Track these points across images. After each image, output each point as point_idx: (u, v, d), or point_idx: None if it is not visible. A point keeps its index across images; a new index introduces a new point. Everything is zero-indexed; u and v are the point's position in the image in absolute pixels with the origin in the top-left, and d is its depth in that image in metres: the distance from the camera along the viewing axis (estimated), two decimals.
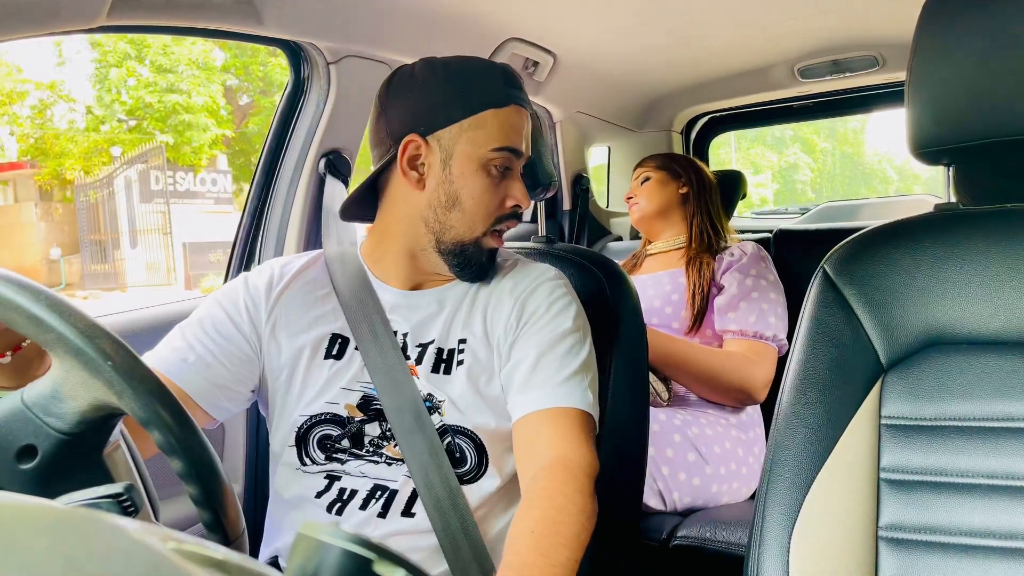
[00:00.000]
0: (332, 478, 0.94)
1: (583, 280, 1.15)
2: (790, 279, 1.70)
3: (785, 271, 1.74)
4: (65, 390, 0.55)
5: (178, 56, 13.52)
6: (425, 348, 0.97)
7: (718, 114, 2.58)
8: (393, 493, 0.91)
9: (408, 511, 0.91)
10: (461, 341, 0.97)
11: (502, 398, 0.96)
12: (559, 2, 1.52)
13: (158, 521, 0.64)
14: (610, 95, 2.23)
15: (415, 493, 0.91)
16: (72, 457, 0.56)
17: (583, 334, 0.98)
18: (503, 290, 1.00)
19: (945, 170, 0.93)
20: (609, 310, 1.14)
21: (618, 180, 2.60)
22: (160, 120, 13.65)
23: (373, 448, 0.94)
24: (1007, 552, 0.75)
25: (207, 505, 0.55)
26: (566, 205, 2.37)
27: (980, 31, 0.81)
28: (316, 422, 0.94)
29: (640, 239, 1.99)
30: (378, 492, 0.92)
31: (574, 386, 0.92)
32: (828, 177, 27.02)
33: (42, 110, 14.59)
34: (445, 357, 0.96)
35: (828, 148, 26.90)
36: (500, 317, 0.98)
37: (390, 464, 0.93)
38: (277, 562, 0.98)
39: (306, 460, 0.94)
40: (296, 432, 0.94)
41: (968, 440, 0.79)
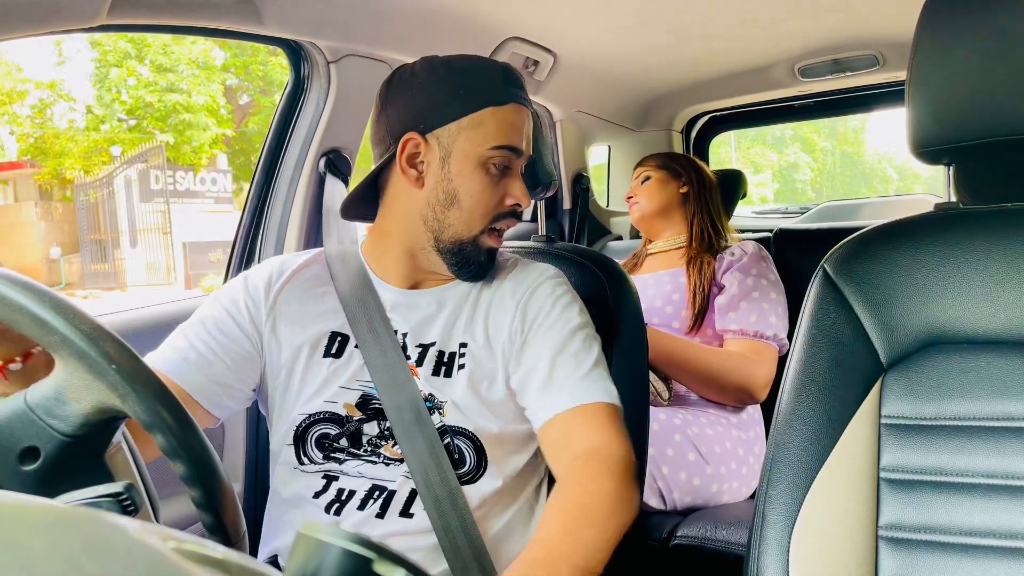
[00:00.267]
0: (330, 478, 0.93)
1: (583, 279, 1.15)
2: (790, 278, 1.70)
3: (785, 270, 1.74)
4: (68, 392, 0.55)
5: (178, 55, 13.53)
6: (426, 350, 0.97)
7: (718, 113, 2.58)
8: (391, 493, 0.91)
9: (406, 511, 0.91)
10: (462, 345, 0.97)
11: (504, 403, 0.96)
12: (559, 1, 1.52)
13: (158, 520, 0.64)
14: (610, 94, 2.23)
15: (413, 493, 0.91)
16: (74, 459, 0.56)
17: (591, 328, 0.98)
18: (504, 293, 1.00)
19: (945, 169, 0.93)
20: (609, 310, 1.13)
21: (618, 179, 2.60)
22: (160, 119, 13.65)
23: (371, 448, 0.94)
24: (1007, 552, 0.75)
25: (209, 508, 0.55)
26: (566, 204, 2.37)
27: (980, 31, 0.81)
28: (314, 421, 0.94)
29: (640, 238, 1.99)
30: (376, 492, 0.92)
31: (594, 380, 0.92)
32: (828, 176, 27.02)
33: (42, 109, 14.59)
34: (446, 360, 0.96)
35: (828, 147, 26.90)
36: (503, 321, 0.98)
37: (388, 464, 0.93)
38: (276, 561, 0.98)
39: (304, 459, 0.94)
40: (295, 431, 0.94)
41: (968, 440, 0.79)
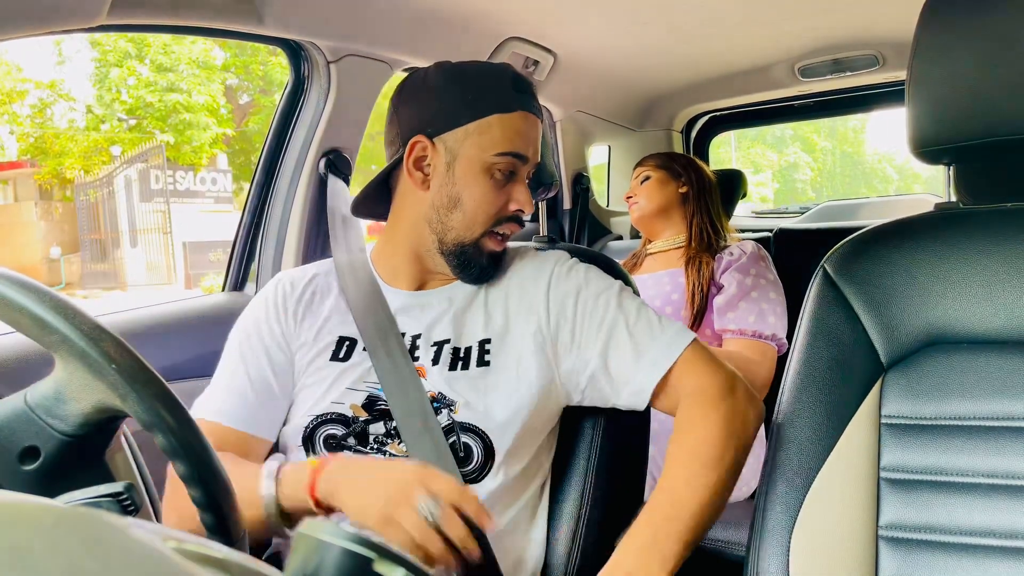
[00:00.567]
0: None
1: None
2: (790, 278, 1.70)
3: (785, 270, 1.74)
4: (68, 392, 0.55)
5: (178, 55, 13.52)
6: (440, 347, 0.97)
7: (718, 113, 2.58)
8: None
9: None
10: (485, 341, 0.98)
11: (532, 390, 0.96)
12: (559, 1, 1.52)
13: (158, 520, 0.64)
14: (610, 94, 2.23)
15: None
16: (75, 458, 0.56)
17: (619, 285, 1.01)
18: (524, 282, 1.01)
19: (945, 169, 0.93)
20: None
21: (618, 179, 2.60)
22: (160, 119, 13.65)
23: (377, 446, 0.94)
24: (1007, 551, 0.75)
25: (209, 508, 0.55)
26: (566, 204, 2.37)
27: (980, 31, 0.81)
28: (322, 422, 0.95)
29: (640, 238, 1.99)
30: None
31: (664, 334, 0.95)
32: (828, 176, 27.03)
33: (42, 109, 14.59)
34: (462, 355, 0.97)
35: (828, 147, 26.90)
36: (533, 309, 0.98)
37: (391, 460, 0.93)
38: (277, 559, 0.98)
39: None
40: (303, 432, 0.95)
41: (968, 439, 0.79)
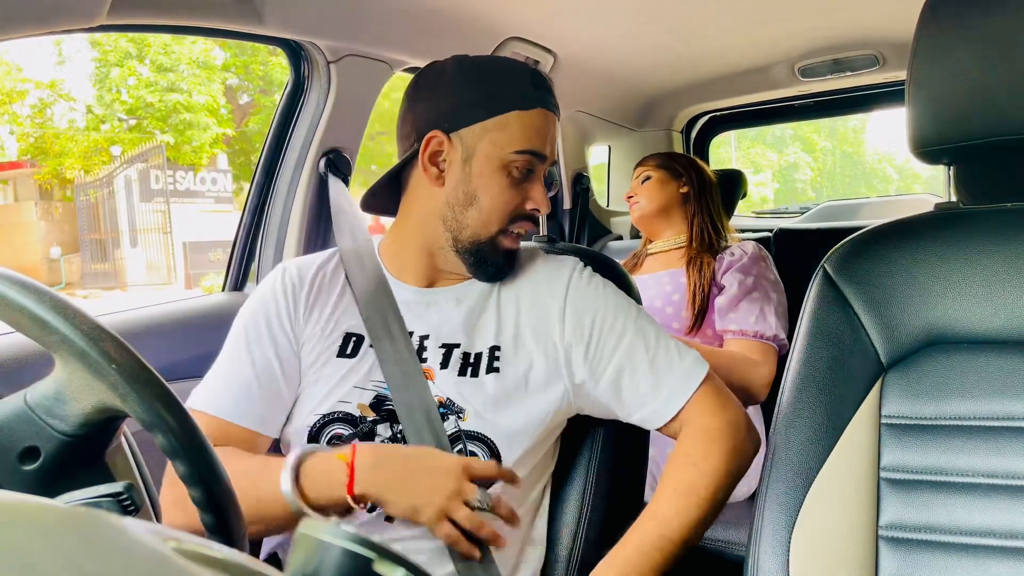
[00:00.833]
0: None
1: None
2: (790, 278, 1.70)
3: (785, 270, 1.74)
4: (68, 392, 0.55)
5: (179, 55, 13.52)
6: (451, 351, 0.96)
7: (718, 113, 2.58)
8: None
9: None
10: (495, 348, 0.97)
11: (542, 400, 0.96)
12: (559, 1, 1.52)
13: (158, 520, 0.64)
14: (610, 94, 2.23)
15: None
16: (75, 459, 0.56)
17: (636, 307, 1.00)
18: (536, 288, 1.00)
19: (945, 169, 0.93)
20: None
21: (618, 179, 2.60)
22: (161, 119, 13.64)
23: None
24: (1007, 551, 0.75)
25: (209, 508, 0.55)
26: (566, 204, 2.37)
27: (980, 31, 0.81)
28: (328, 421, 0.94)
29: (640, 238, 1.99)
30: None
31: (682, 363, 0.95)
32: (828, 176, 27.02)
33: (42, 109, 14.59)
34: (472, 360, 0.96)
35: (828, 147, 26.90)
36: (546, 317, 0.98)
37: None
38: (277, 558, 0.98)
39: None
40: (309, 431, 0.94)
41: (968, 439, 0.79)
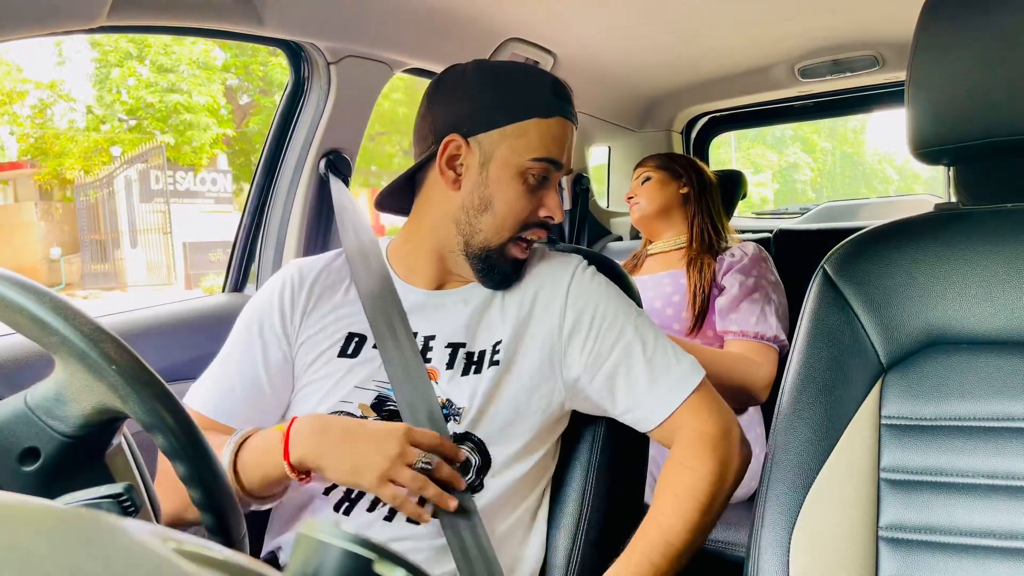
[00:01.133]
0: None
1: None
2: (790, 279, 1.70)
3: (785, 271, 1.74)
4: (68, 393, 0.55)
5: (179, 56, 13.52)
6: (456, 350, 0.97)
7: (718, 114, 2.58)
8: None
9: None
10: (497, 342, 0.97)
11: (540, 395, 0.96)
12: (559, 2, 1.52)
13: (158, 521, 0.64)
14: (610, 95, 2.23)
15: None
16: (75, 459, 0.56)
17: (636, 308, 1.00)
18: (540, 284, 1.00)
19: (945, 170, 0.93)
20: None
21: (618, 180, 2.60)
22: (161, 120, 13.64)
23: None
24: (1007, 552, 0.75)
25: (209, 508, 0.55)
26: (566, 205, 2.37)
27: (980, 31, 0.81)
28: None
29: (640, 239, 1.99)
30: None
31: (678, 367, 0.95)
32: (828, 177, 27.02)
33: (42, 110, 14.58)
34: (476, 359, 0.96)
35: (828, 148, 26.90)
36: (545, 321, 0.98)
37: None
38: (277, 556, 0.98)
39: None
40: None
41: (968, 440, 0.79)
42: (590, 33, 1.71)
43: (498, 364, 0.95)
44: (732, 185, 2.14)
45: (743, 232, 2.21)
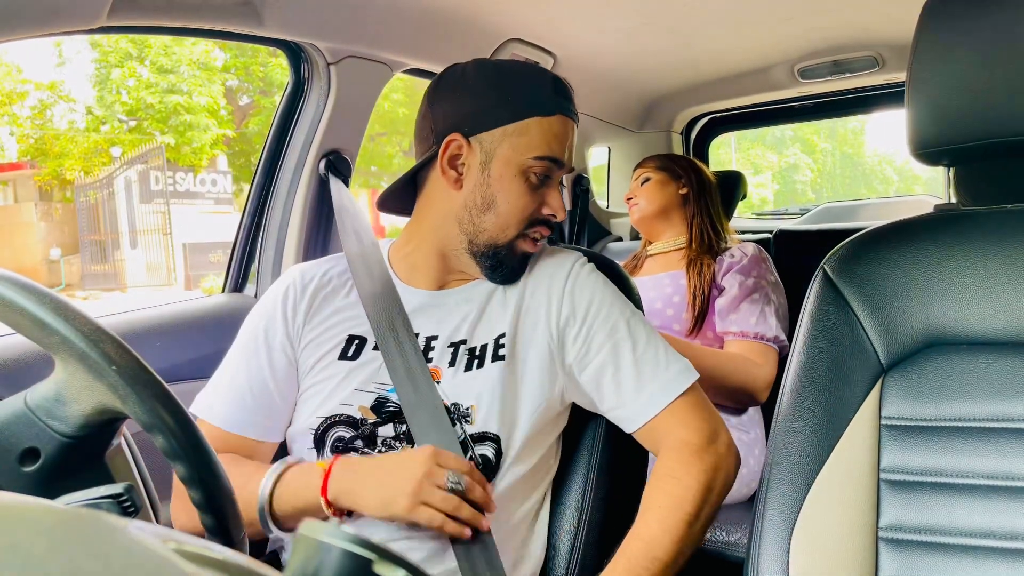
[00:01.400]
0: None
1: None
2: (790, 280, 1.70)
3: (785, 272, 1.74)
4: (68, 393, 0.55)
5: (179, 57, 13.52)
6: (457, 348, 0.97)
7: (718, 115, 2.58)
8: None
9: None
10: (500, 336, 0.97)
11: (543, 385, 0.96)
12: (559, 3, 1.52)
13: (158, 521, 0.64)
14: (610, 95, 2.23)
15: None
16: (74, 460, 0.56)
17: (633, 307, 1.00)
18: (539, 279, 1.00)
19: (945, 171, 0.93)
20: None
21: (618, 180, 2.60)
22: (161, 121, 13.64)
23: (386, 448, 0.93)
24: (1007, 553, 0.75)
25: (209, 509, 0.55)
26: (566, 205, 2.36)
27: (980, 31, 0.81)
28: (331, 424, 0.94)
29: (640, 239, 1.99)
30: None
31: (668, 371, 0.94)
32: (828, 177, 27.03)
33: (42, 110, 14.58)
34: (478, 353, 0.96)
35: (828, 148, 26.90)
36: (545, 306, 0.98)
37: None
38: (278, 554, 0.98)
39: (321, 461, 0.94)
40: (314, 434, 0.94)
41: (968, 440, 0.79)
42: (590, 34, 1.71)
43: (503, 359, 0.95)
44: (732, 186, 2.14)
45: (743, 233, 2.21)
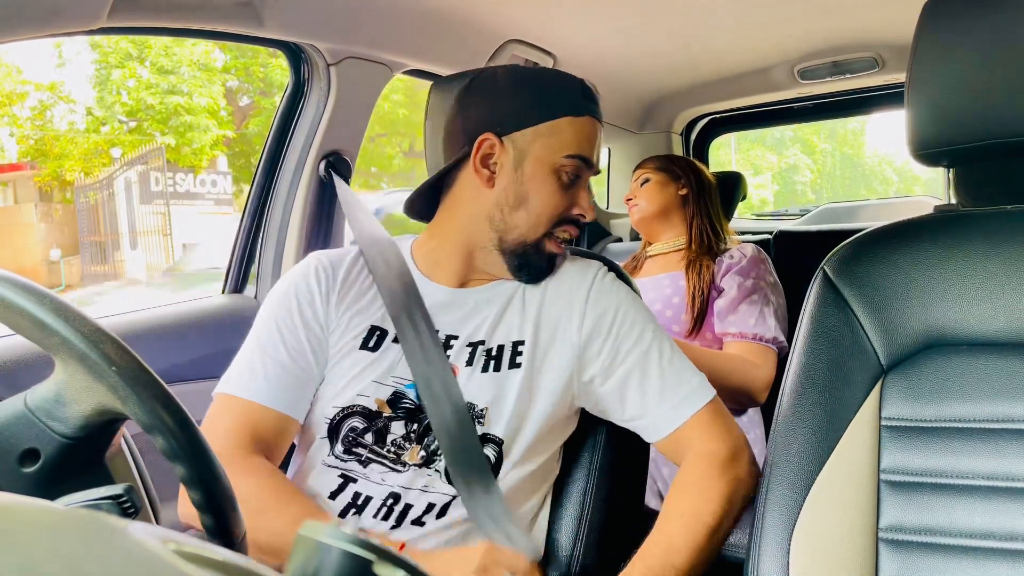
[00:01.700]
0: (347, 479, 0.93)
1: None
2: (790, 280, 1.70)
3: (785, 273, 1.74)
4: (68, 394, 0.55)
5: (179, 57, 13.52)
6: (475, 348, 0.97)
7: (718, 115, 2.58)
8: (408, 507, 0.91)
9: (419, 520, 0.91)
10: (518, 343, 0.98)
11: (560, 396, 0.97)
12: (559, 4, 1.52)
13: (158, 522, 0.64)
14: (610, 96, 2.23)
15: (429, 506, 0.91)
16: (74, 461, 0.56)
17: (655, 320, 1.01)
18: (561, 287, 1.01)
19: (945, 172, 0.93)
20: None
21: (618, 181, 2.60)
22: (161, 121, 13.64)
23: (394, 448, 0.93)
24: (1007, 553, 0.75)
25: (209, 510, 0.55)
26: None
27: (980, 32, 0.81)
28: (347, 414, 0.94)
29: (640, 240, 1.99)
30: (390, 500, 0.91)
31: (691, 382, 0.96)
32: (828, 178, 27.02)
33: (42, 111, 14.58)
34: (495, 355, 0.97)
35: (828, 149, 26.90)
36: (567, 316, 0.98)
37: (405, 470, 0.92)
38: None
39: (332, 454, 0.94)
40: (329, 423, 0.94)
41: (968, 441, 0.79)
42: (590, 35, 1.71)
43: (520, 367, 0.96)
44: (731, 187, 2.14)
45: (743, 233, 2.21)
